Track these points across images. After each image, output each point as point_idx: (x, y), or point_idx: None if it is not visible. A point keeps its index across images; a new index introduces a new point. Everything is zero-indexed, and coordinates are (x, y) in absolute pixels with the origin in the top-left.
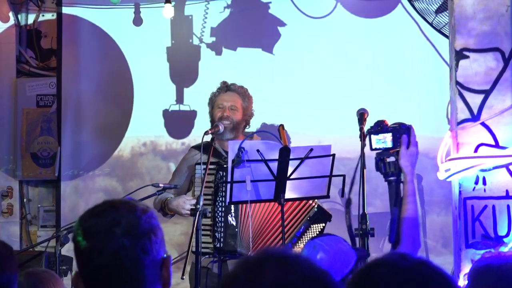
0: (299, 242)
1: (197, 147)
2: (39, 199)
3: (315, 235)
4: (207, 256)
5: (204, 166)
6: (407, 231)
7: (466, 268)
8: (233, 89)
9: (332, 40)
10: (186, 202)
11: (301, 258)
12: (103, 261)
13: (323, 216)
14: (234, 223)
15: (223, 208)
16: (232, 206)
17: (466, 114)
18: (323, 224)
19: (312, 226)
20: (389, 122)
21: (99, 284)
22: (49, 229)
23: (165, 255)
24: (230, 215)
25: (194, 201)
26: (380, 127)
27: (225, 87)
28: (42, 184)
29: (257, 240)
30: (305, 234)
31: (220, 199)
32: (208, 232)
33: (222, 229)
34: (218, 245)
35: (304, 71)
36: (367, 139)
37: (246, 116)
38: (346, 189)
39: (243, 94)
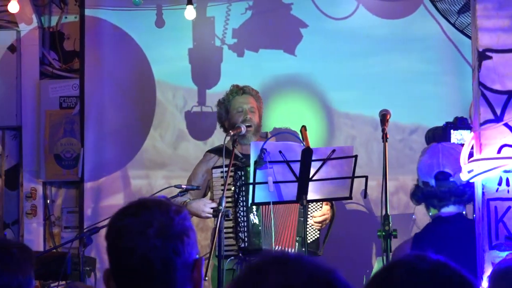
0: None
1: (212, 151)
2: (62, 200)
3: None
4: (232, 258)
5: (223, 169)
6: None
7: (489, 270)
8: (248, 91)
9: (354, 41)
10: (206, 205)
11: (304, 258)
12: (134, 261)
13: None
14: (257, 222)
15: (245, 208)
16: None
17: (489, 115)
18: None
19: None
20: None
21: (130, 284)
22: (72, 230)
23: (197, 256)
24: (252, 213)
25: (213, 204)
26: (461, 124)
27: (240, 90)
28: (65, 185)
29: (280, 237)
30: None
31: (242, 198)
32: (231, 235)
33: (246, 228)
34: (242, 245)
35: (326, 72)
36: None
37: (261, 118)
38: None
39: (256, 96)
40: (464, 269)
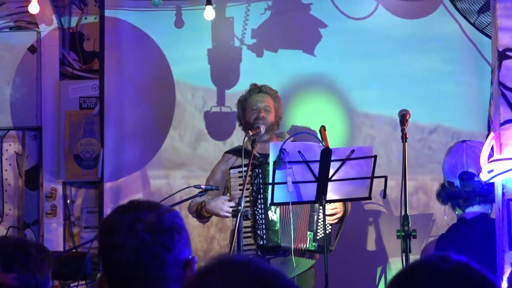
0: (319, 224)
1: (231, 152)
2: (82, 201)
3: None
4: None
5: (241, 169)
6: None
7: (509, 270)
8: (265, 90)
9: (373, 41)
10: (224, 204)
11: (252, 262)
12: (124, 257)
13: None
14: (276, 219)
15: (263, 205)
16: None
17: (510, 115)
18: None
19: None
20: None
21: (121, 281)
22: (92, 230)
23: (189, 256)
24: (271, 210)
25: (232, 203)
26: None
27: (257, 89)
28: (85, 185)
29: (298, 234)
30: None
31: (261, 196)
32: (249, 234)
33: (264, 225)
34: (261, 243)
35: (345, 72)
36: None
37: (277, 117)
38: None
39: (274, 95)
40: (485, 270)
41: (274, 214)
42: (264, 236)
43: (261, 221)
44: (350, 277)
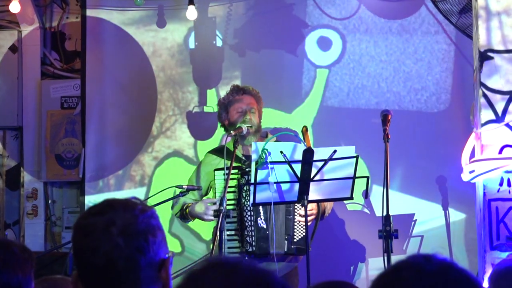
0: (295, 227)
1: (214, 152)
2: (63, 201)
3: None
4: None
5: (227, 170)
6: None
7: (490, 270)
8: (248, 91)
9: (356, 42)
10: (208, 208)
11: (243, 262)
12: (97, 260)
13: None
14: (265, 226)
15: (252, 212)
16: (261, 209)
17: (491, 115)
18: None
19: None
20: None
21: (95, 284)
22: None
23: (166, 255)
24: (259, 218)
25: (215, 207)
26: None
27: (241, 90)
28: (67, 185)
29: (278, 238)
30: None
31: (248, 203)
32: (235, 237)
33: (253, 232)
34: (250, 249)
35: (328, 73)
36: None
37: (261, 118)
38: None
39: (257, 96)
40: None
41: (263, 222)
42: (254, 243)
43: (250, 228)
44: (332, 276)
